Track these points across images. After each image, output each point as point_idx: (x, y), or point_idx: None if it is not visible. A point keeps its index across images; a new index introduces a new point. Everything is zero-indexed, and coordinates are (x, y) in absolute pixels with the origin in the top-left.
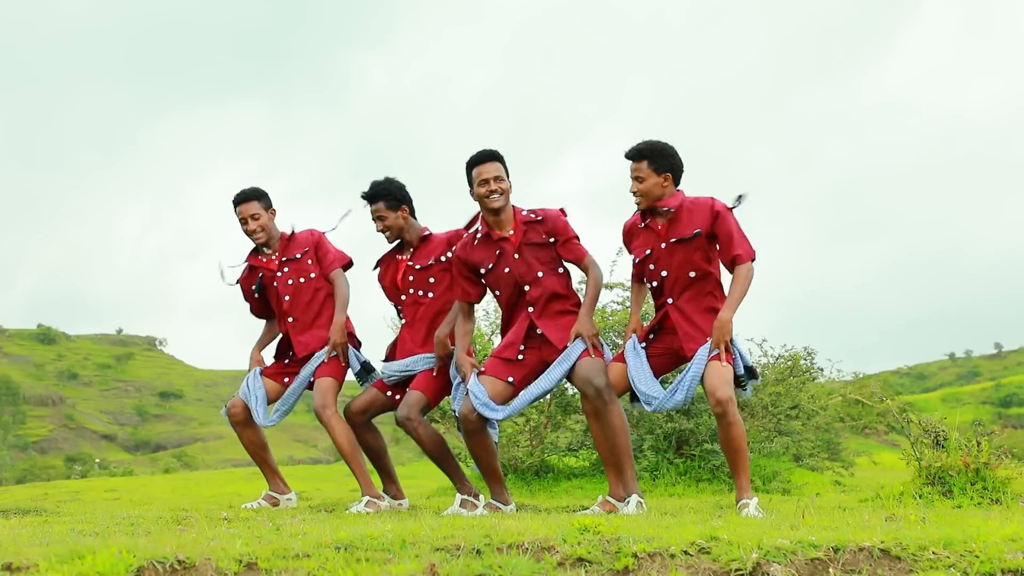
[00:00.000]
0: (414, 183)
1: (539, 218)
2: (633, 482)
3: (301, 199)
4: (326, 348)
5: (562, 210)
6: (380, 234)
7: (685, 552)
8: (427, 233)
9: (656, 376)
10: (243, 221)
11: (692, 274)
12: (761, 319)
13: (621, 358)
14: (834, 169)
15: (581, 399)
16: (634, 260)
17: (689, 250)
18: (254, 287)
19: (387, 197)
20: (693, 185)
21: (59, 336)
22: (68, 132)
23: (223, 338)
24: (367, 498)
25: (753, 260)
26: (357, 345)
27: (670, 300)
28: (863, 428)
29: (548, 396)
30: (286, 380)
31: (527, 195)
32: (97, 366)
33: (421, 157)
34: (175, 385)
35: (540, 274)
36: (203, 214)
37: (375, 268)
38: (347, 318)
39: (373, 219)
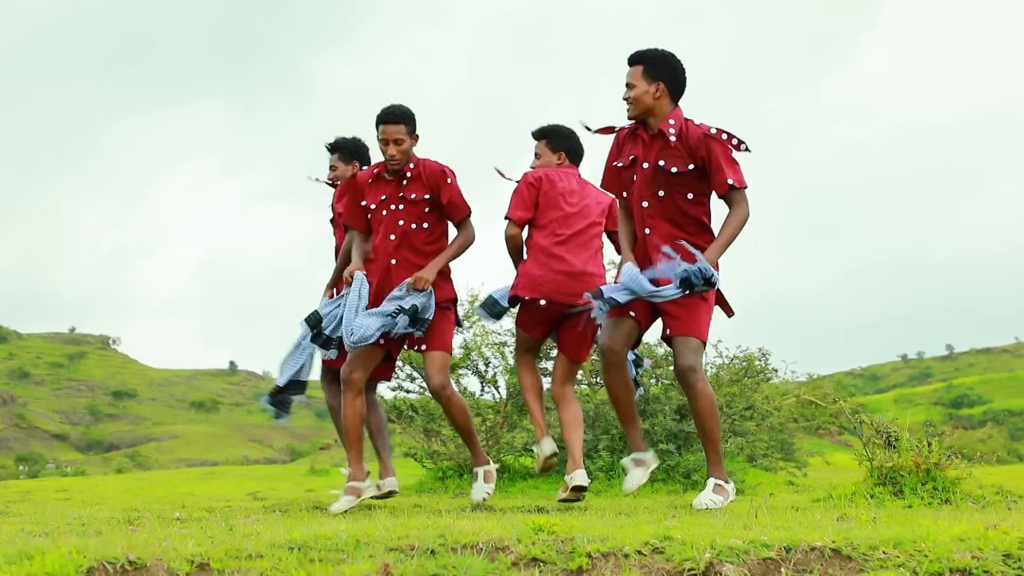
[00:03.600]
0: None
1: None
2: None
3: (265, 198)
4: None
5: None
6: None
7: (639, 552)
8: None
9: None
10: (384, 143)
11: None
12: (718, 321)
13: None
14: (794, 173)
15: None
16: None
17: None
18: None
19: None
20: None
21: (10, 335)
22: (30, 132)
23: (179, 337)
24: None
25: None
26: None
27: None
28: (816, 429)
29: (505, 396)
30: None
31: (490, 198)
32: (49, 365)
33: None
34: (129, 384)
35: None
36: (165, 212)
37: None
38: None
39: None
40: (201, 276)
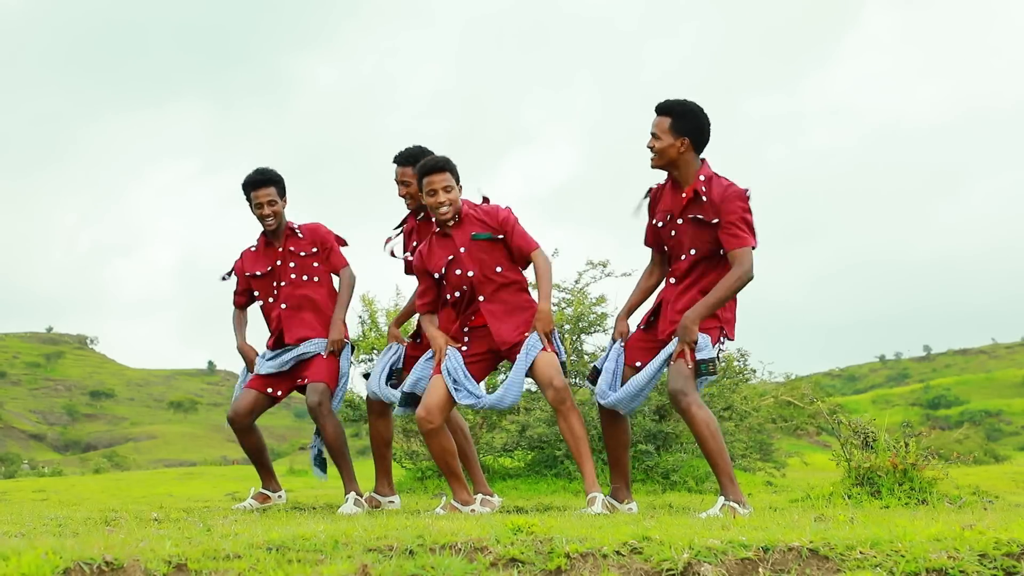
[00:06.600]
0: (359, 184)
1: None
2: (589, 479)
3: (243, 198)
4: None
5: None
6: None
7: (617, 552)
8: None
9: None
10: (258, 206)
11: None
12: None
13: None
14: (772, 175)
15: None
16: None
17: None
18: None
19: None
20: (636, 187)
21: None
22: (5, 130)
23: (157, 337)
24: (354, 496)
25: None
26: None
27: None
28: (795, 429)
29: None
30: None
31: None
32: (26, 364)
33: (365, 158)
34: (106, 384)
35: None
36: (142, 211)
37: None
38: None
39: (399, 182)
40: (179, 276)
